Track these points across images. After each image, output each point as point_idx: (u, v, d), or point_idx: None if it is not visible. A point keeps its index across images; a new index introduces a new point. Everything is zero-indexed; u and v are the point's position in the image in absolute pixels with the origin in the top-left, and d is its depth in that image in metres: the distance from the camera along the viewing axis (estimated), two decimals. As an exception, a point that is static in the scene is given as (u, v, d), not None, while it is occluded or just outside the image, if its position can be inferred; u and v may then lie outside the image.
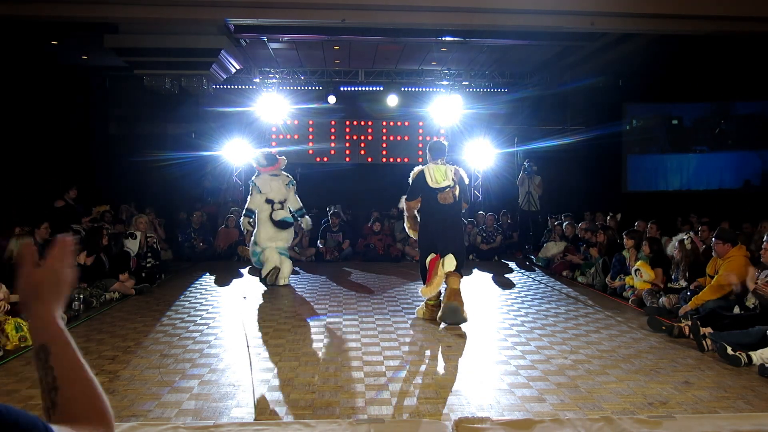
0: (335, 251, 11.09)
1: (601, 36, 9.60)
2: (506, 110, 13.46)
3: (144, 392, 3.97)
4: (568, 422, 3.28)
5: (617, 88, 12.68)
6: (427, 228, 6.09)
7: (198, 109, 12.55)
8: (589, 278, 8.54)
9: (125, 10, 7.36)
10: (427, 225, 6.10)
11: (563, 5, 7.19)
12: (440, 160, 6.18)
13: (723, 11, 7.30)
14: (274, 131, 13.71)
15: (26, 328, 5.10)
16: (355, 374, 4.37)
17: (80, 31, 9.06)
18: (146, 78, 9.66)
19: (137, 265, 8.17)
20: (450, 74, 12.55)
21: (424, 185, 6.02)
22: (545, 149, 12.85)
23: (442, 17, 7.55)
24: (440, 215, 6.00)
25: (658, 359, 4.80)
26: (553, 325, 5.99)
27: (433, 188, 5.98)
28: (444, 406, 3.74)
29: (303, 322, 6.14)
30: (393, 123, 14.06)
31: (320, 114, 13.54)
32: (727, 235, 6.04)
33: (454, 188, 6.02)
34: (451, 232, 6.02)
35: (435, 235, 6.00)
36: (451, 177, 6.03)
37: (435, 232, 6.01)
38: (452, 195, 5.99)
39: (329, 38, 9.97)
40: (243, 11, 7.49)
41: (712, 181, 13.04)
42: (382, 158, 14.10)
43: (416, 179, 6.10)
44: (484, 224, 11.77)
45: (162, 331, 5.68)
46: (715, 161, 13.12)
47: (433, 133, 14.14)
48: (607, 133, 12.46)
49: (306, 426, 3.12)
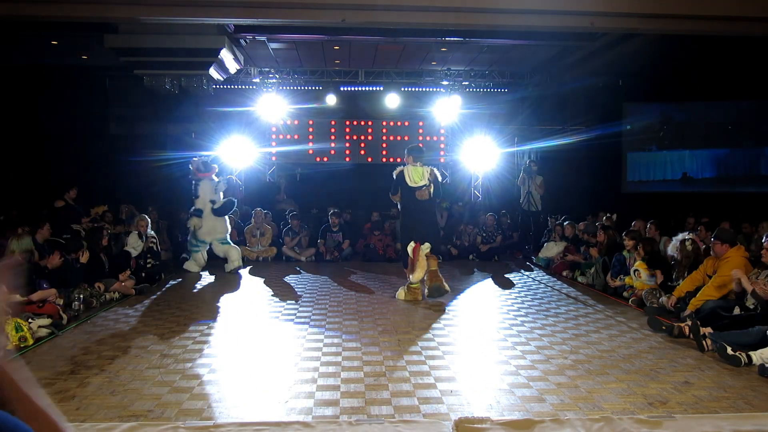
0: (335, 251, 11.09)
1: (601, 36, 9.60)
2: (506, 110, 13.47)
3: (144, 392, 3.97)
4: (568, 422, 3.28)
5: (617, 88, 12.68)
6: (407, 220, 7.26)
7: (198, 109, 12.54)
8: (589, 278, 8.54)
9: (125, 10, 7.35)
10: (406, 217, 7.27)
11: (563, 5, 7.19)
12: (419, 162, 7.24)
13: (723, 11, 7.29)
14: (274, 131, 13.71)
15: (26, 327, 5.11)
16: (355, 374, 4.37)
17: (80, 31, 9.06)
18: (146, 78, 9.65)
19: (137, 265, 8.17)
20: (450, 74, 12.55)
21: (404, 183, 7.15)
22: (545, 149, 12.85)
23: (442, 17, 7.54)
24: (418, 209, 7.18)
25: (658, 359, 4.80)
26: (553, 325, 5.99)
27: (411, 187, 7.10)
28: (444, 406, 3.74)
29: (303, 321, 6.14)
30: (393, 123, 14.06)
31: (320, 114, 13.54)
32: (726, 236, 6.04)
33: (429, 186, 7.15)
34: (426, 223, 7.26)
35: (414, 225, 7.19)
36: (427, 177, 7.13)
37: (414, 222, 7.20)
38: (428, 192, 7.15)
39: (329, 38, 9.96)
40: (243, 11, 7.48)
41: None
42: (382, 158, 14.10)
43: (398, 177, 7.21)
44: (484, 224, 11.76)
45: (162, 331, 5.68)
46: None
47: (433, 133, 14.17)
48: (607, 133, 12.46)
49: (306, 426, 3.12)
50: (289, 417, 3.56)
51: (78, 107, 11.95)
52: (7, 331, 5.00)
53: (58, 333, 5.50)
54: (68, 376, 4.30)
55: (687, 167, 13.25)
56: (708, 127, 13.13)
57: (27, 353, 4.89)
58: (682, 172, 13.21)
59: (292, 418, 3.52)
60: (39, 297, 5.79)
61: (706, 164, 13.19)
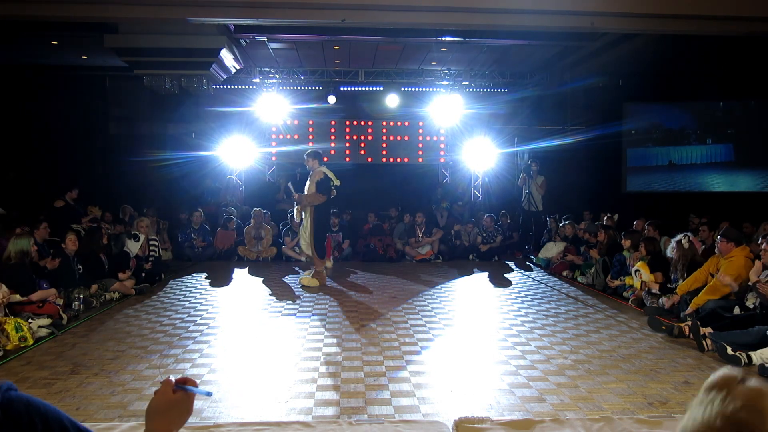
0: (335, 251, 11.08)
1: (601, 36, 9.60)
2: (506, 110, 13.47)
3: (144, 392, 3.97)
4: (568, 422, 3.27)
5: (617, 88, 12.67)
6: (324, 216, 8.41)
7: (198, 109, 12.55)
8: (589, 278, 8.54)
9: (125, 10, 7.35)
10: (324, 213, 8.37)
11: (563, 5, 7.19)
12: (323, 165, 8.24)
13: (724, 11, 7.29)
14: (274, 131, 13.71)
15: (26, 327, 5.11)
16: (355, 374, 4.37)
17: (80, 31, 9.06)
18: (146, 78, 9.66)
19: (137, 266, 8.16)
20: (450, 74, 12.56)
21: (330, 183, 8.07)
22: (545, 149, 12.84)
23: (442, 17, 7.54)
24: (329, 206, 8.48)
25: (658, 359, 4.80)
26: (553, 325, 6.00)
27: (334, 186, 8.14)
28: (444, 406, 3.74)
29: (302, 321, 6.14)
30: (393, 123, 14.06)
31: (320, 114, 13.54)
32: (732, 235, 6.03)
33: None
34: (330, 217, 8.89)
35: (327, 220, 8.63)
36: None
37: (327, 218, 8.71)
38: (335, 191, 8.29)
39: (329, 38, 9.96)
40: (243, 11, 7.48)
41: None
42: (382, 158, 14.10)
43: (325, 179, 8.06)
44: (484, 224, 11.76)
45: (162, 331, 5.68)
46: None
47: (433, 133, 14.17)
48: (607, 133, 12.46)
49: (306, 426, 3.12)
50: (289, 417, 3.56)
51: (78, 107, 11.95)
52: (8, 330, 5.01)
53: (58, 333, 5.50)
54: (68, 376, 4.30)
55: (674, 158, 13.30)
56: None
57: (27, 353, 4.89)
58: (668, 159, 13.23)
59: (292, 418, 3.52)
60: (39, 297, 5.79)
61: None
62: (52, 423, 1.08)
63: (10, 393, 1.06)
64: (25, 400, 1.07)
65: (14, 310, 5.48)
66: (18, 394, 1.07)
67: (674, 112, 13.17)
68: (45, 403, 1.11)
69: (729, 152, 12.97)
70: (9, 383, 1.08)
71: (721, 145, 12.96)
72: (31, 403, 1.08)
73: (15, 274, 5.76)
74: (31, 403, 1.07)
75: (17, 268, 5.85)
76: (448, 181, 14.54)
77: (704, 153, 13.13)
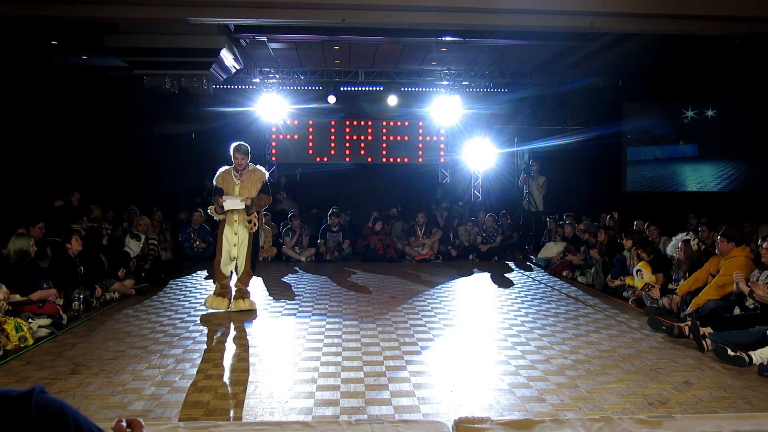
0: (335, 251, 11.09)
1: (601, 36, 9.59)
2: (506, 110, 13.47)
3: (144, 392, 3.97)
4: (568, 422, 3.27)
5: (617, 88, 12.67)
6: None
7: (198, 109, 12.55)
8: (589, 278, 8.53)
9: (125, 10, 7.35)
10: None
11: (563, 5, 7.18)
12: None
13: (724, 11, 7.29)
14: (274, 131, 13.72)
15: (26, 327, 5.11)
16: (355, 374, 4.37)
17: (80, 31, 9.06)
18: (146, 78, 9.66)
19: (137, 266, 8.16)
20: (450, 74, 12.55)
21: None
22: (545, 149, 12.85)
23: (442, 17, 7.54)
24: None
25: (658, 359, 4.80)
26: (553, 325, 6.00)
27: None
28: (444, 406, 3.74)
29: (302, 321, 6.14)
30: (393, 123, 14.08)
31: (320, 114, 13.55)
32: (732, 235, 6.02)
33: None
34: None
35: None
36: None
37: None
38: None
39: (329, 38, 9.96)
40: (243, 11, 7.48)
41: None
42: (382, 158, 14.12)
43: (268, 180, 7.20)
44: (484, 224, 11.76)
45: (162, 331, 5.68)
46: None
47: (433, 133, 14.18)
48: (607, 133, 12.46)
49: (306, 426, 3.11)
50: (289, 417, 3.56)
51: (78, 107, 11.95)
52: (8, 330, 5.01)
53: (58, 333, 5.50)
54: (68, 376, 4.30)
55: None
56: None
57: (27, 353, 4.89)
58: (653, 156, 13.33)
59: (292, 418, 3.52)
60: (39, 297, 5.79)
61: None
62: (82, 425, 1.16)
63: (44, 395, 1.14)
64: (59, 402, 1.16)
65: (14, 309, 5.47)
66: (52, 397, 1.16)
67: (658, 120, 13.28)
68: (74, 408, 1.20)
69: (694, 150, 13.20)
70: (41, 387, 1.16)
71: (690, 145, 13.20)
72: (64, 405, 1.16)
73: (15, 274, 5.76)
74: (64, 406, 1.16)
75: (17, 268, 5.85)
76: (448, 181, 14.54)
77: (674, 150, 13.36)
